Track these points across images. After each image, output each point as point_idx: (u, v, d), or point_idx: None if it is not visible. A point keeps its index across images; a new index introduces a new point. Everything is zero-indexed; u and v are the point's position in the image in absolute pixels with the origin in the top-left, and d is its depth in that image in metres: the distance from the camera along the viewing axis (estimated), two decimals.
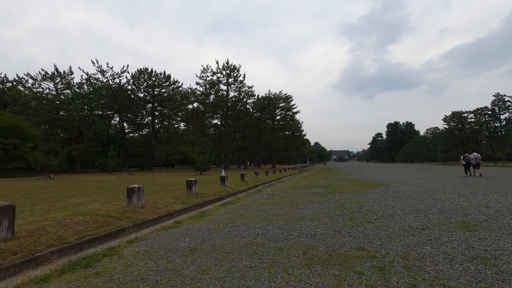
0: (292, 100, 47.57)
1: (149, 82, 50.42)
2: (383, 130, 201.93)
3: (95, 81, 47.88)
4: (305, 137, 52.68)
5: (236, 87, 45.41)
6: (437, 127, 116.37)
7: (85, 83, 48.48)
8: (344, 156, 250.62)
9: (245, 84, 46.08)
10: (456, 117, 78.95)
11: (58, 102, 45.05)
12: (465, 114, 77.34)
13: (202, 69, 45.32)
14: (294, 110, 48.19)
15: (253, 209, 7.69)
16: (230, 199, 10.34)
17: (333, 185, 14.21)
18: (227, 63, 43.67)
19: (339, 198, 9.31)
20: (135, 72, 49.46)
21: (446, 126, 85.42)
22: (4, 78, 48.07)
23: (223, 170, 21.89)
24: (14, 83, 47.37)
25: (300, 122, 56.29)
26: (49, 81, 47.01)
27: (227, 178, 13.36)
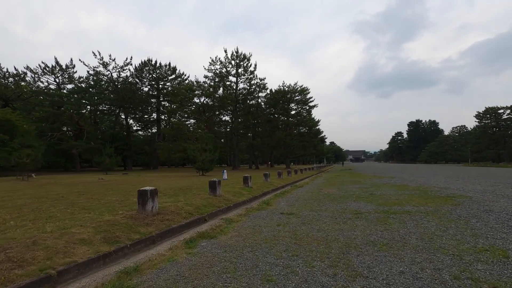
0: (308, 93, 42.53)
1: (154, 75, 46.93)
2: (401, 130, 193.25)
3: (97, 75, 44.82)
4: (322, 134, 47.52)
5: (246, 78, 41.01)
6: (464, 125, 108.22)
7: (90, 78, 45.52)
8: (360, 156, 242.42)
9: (256, 75, 41.62)
10: (490, 114, 71.46)
11: (57, 97, 42.19)
12: (501, 111, 69.78)
13: (210, 61, 41.21)
14: (311, 104, 43.23)
15: (245, 269, 3.30)
16: (214, 224, 5.99)
17: (377, 196, 9.61)
18: (237, 51, 39.41)
19: (422, 231, 4.76)
20: (139, 64, 46.08)
21: (477, 124, 77.97)
22: (6, 73, 45.91)
23: (225, 171, 17.64)
24: (16, 78, 45.12)
25: (316, 120, 51.14)
26: (50, 75, 44.35)
27: (220, 184, 9.03)
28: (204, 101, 42.49)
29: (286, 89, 42.31)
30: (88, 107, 46.52)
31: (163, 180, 17.35)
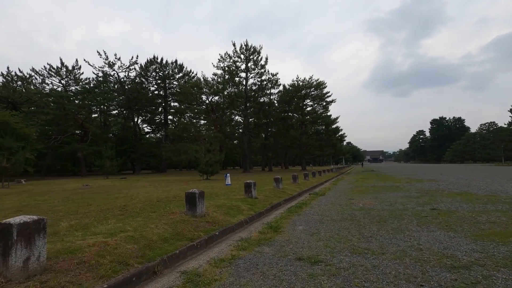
0: (325, 87, 38.88)
1: (160, 73, 44.76)
2: (421, 128, 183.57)
3: (104, 76, 43.09)
4: (342, 132, 43.41)
5: (257, 73, 37.93)
6: (494, 122, 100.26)
7: (96, 78, 43.91)
8: (378, 156, 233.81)
9: (268, 70, 38.51)
10: None
11: (61, 98, 40.63)
12: None
13: (219, 58, 38.40)
14: (328, 99, 39.44)
15: None
16: None
17: (448, 214, 6.19)
18: (246, 44, 36.46)
19: None
20: (145, 62, 44.04)
21: (511, 119, 71.19)
22: (15, 77, 44.91)
23: (228, 175, 14.58)
24: (24, 82, 44.11)
25: (334, 117, 46.87)
26: (55, 77, 43.02)
27: (203, 197, 5.91)
28: (213, 100, 39.74)
29: (301, 83, 38.84)
30: (95, 108, 44.84)
31: (154, 187, 14.48)
